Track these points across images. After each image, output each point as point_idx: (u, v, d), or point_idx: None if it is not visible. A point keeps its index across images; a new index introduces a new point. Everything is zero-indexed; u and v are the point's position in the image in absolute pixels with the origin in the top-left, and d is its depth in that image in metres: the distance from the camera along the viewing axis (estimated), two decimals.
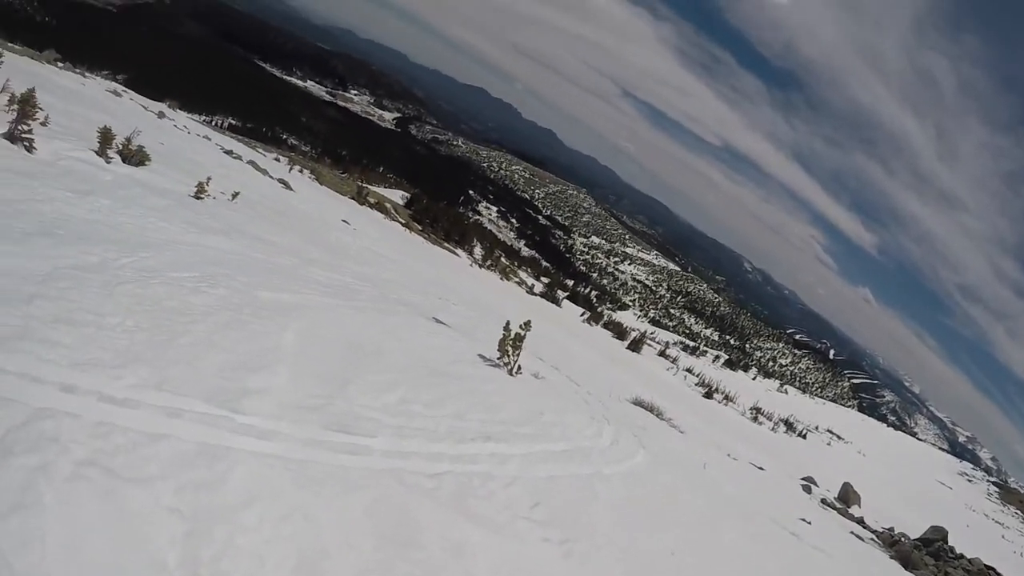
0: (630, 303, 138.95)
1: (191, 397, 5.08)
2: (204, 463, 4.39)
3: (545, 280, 72.48)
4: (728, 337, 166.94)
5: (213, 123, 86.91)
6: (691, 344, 73.33)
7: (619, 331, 49.91)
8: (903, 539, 19.59)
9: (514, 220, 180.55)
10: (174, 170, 15.80)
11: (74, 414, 4.22)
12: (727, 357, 74.13)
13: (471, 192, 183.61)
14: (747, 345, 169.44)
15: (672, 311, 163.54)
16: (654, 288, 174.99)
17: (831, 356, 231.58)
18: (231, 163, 28.53)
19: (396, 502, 5.32)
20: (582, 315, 52.10)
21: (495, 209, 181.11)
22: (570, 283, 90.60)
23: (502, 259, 66.01)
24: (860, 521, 20.55)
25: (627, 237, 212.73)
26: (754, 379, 65.31)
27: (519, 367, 11.51)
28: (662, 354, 51.35)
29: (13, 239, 6.61)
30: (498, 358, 11.49)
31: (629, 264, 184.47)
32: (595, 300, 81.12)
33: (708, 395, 38.96)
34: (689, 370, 47.28)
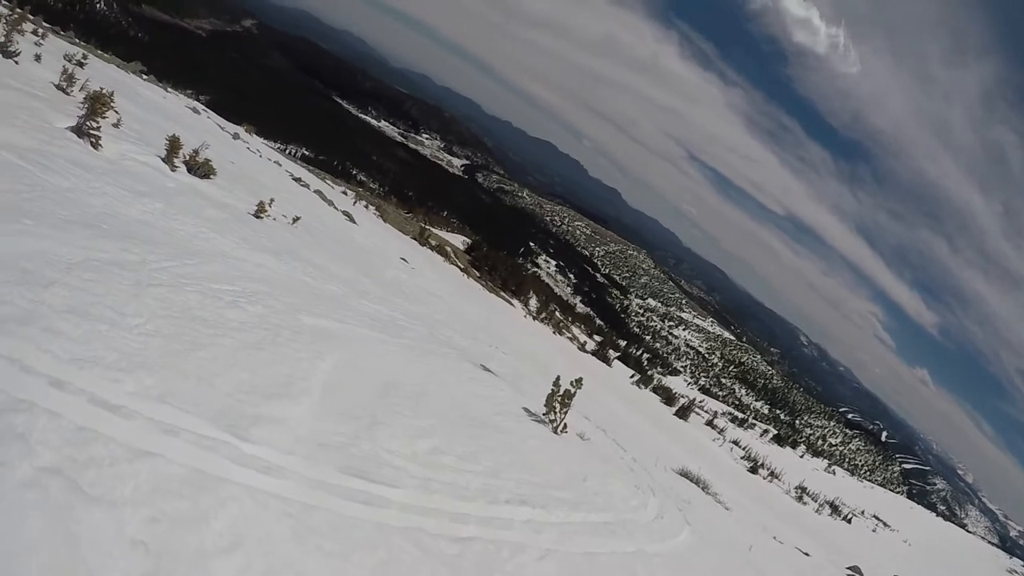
0: (681, 369, 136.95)
1: (195, 415, 4.51)
2: (190, 493, 3.78)
3: (598, 338, 71.49)
4: (778, 411, 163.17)
5: (287, 151, 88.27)
6: (740, 416, 71.96)
7: (668, 396, 49.22)
8: None
9: (572, 276, 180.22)
10: (238, 187, 15.77)
11: (55, 412, 3.70)
12: (776, 432, 72.46)
13: (532, 244, 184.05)
14: (797, 421, 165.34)
15: (723, 380, 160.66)
16: (707, 356, 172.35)
17: (883, 438, 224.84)
18: (297, 190, 28.73)
19: (407, 568, 4.58)
20: (632, 377, 51.52)
21: (554, 263, 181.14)
22: (622, 343, 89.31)
23: (557, 313, 65.47)
24: None
25: (684, 302, 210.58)
26: (802, 457, 63.69)
27: (565, 425, 11.03)
28: (710, 423, 50.58)
29: (52, 223, 6.30)
30: (544, 414, 11.00)
31: (684, 329, 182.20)
32: (646, 363, 79.80)
33: (754, 470, 37.81)
34: (736, 442, 46.13)
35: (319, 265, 13.43)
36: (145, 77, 34.24)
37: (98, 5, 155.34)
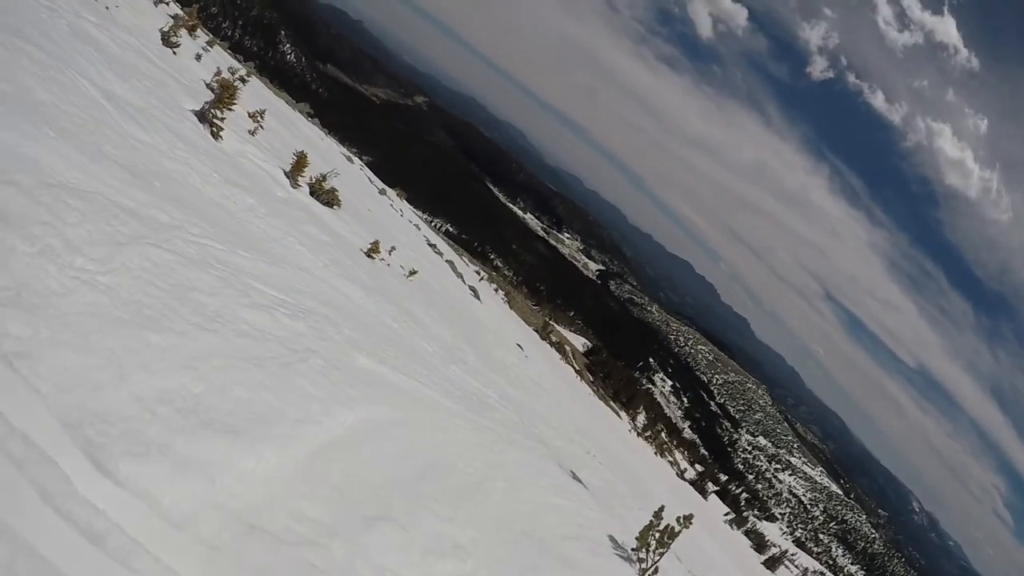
0: (779, 516, 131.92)
1: (35, 418, 3.14)
2: None
3: (699, 468, 69.25)
4: None
5: (432, 223, 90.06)
6: None
7: (760, 542, 47.73)
8: None
9: (685, 399, 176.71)
10: (360, 226, 15.68)
11: None
12: None
13: (651, 360, 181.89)
14: None
15: (821, 536, 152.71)
16: (809, 507, 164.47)
17: None
18: (427, 251, 28.98)
19: None
20: (726, 515, 50.04)
21: (670, 383, 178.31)
22: (723, 478, 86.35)
23: (662, 435, 63.95)
24: None
25: (795, 445, 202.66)
26: None
27: (656, 570, 9.40)
28: None
29: (82, 149, 5.58)
30: (633, 549, 9.42)
31: (790, 475, 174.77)
32: (743, 503, 76.71)
33: None
34: None
35: (418, 318, 12.67)
36: (310, 119, 35.12)
37: (288, 56, 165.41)
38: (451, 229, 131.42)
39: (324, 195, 13.62)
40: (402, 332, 10.48)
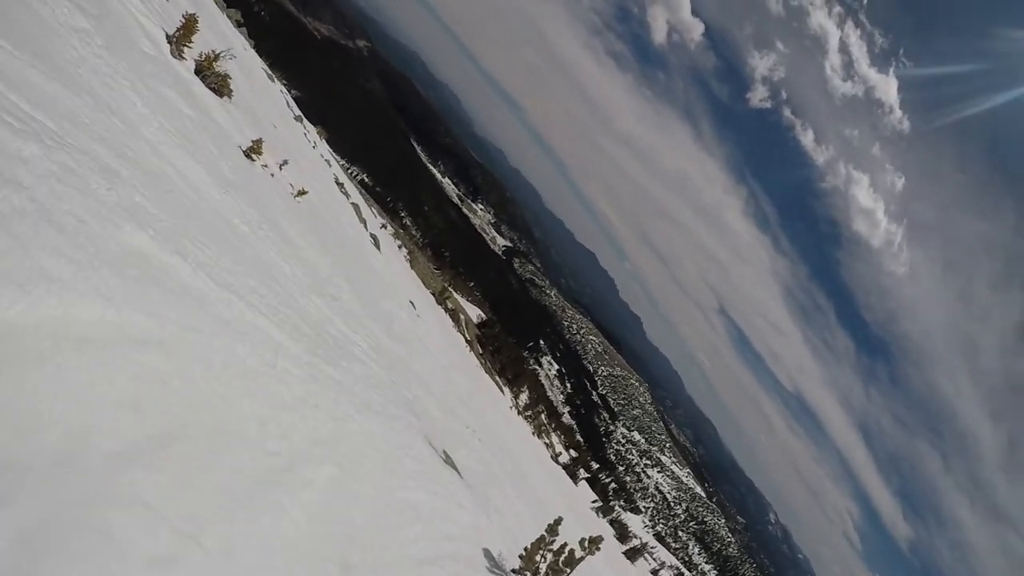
0: (644, 509, 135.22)
1: None
2: None
3: (573, 454, 69.53)
4: None
5: (349, 171, 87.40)
6: (686, 574, 70.22)
7: (623, 533, 48.20)
8: None
9: (569, 385, 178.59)
10: (250, 128, 13.53)
11: None
12: None
13: (542, 342, 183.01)
14: None
15: (681, 533, 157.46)
16: (673, 504, 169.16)
17: None
18: (332, 187, 27.07)
19: None
20: (594, 503, 50.36)
21: (556, 367, 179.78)
22: (595, 467, 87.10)
23: (542, 416, 63.85)
24: None
25: (667, 445, 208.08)
26: None
27: None
28: (655, 573, 49.85)
29: None
30: (515, 571, 7.48)
31: (658, 472, 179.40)
32: (611, 493, 77.64)
33: None
34: None
35: (287, 235, 10.60)
36: (239, 28, 32.61)
37: None
38: (367, 180, 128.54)
39: (212, 78, 11.62)
40: (253, 240, 8.02)
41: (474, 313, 72.22)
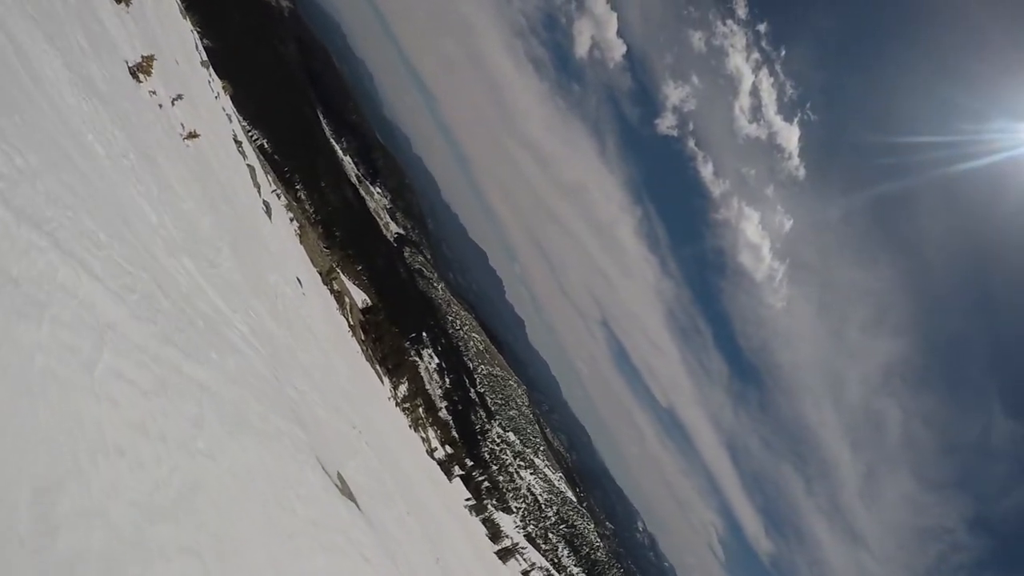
0: (515, 509, 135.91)
1: None
2: None
3: (449, 450, 69.47)
4: None
5: (249, 133, 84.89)
6: (555, 575, 71.56)
7: (495, 532, 48.43)
8: None
9: (448, 380, 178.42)
10: (143, 43, 12.99)
11: None
12: None
13: (424, 334, 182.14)
14: None
15: (551, 535, 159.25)
16: (544, 506, 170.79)
17: None
18: (230, 145, 25.92)
19: None
20: (467, 500, 50.41)
21: (436, 361, 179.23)
22: (469, 463, 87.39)
23: (420, 409, 63.55)
24: None
25: (541, 448, 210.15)
26: None
27: None
28: (525, 574, 50.59)
29: None
30: None
31: (531, 473, 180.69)
32: (484, 491, 77.99)
33: None
34: None
35: (164, 180, 9.07)
36: None
37: None
38: (266, 146, 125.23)
39: None
40: (108, 168, 6.38)
41: (359, 298, 71.29)
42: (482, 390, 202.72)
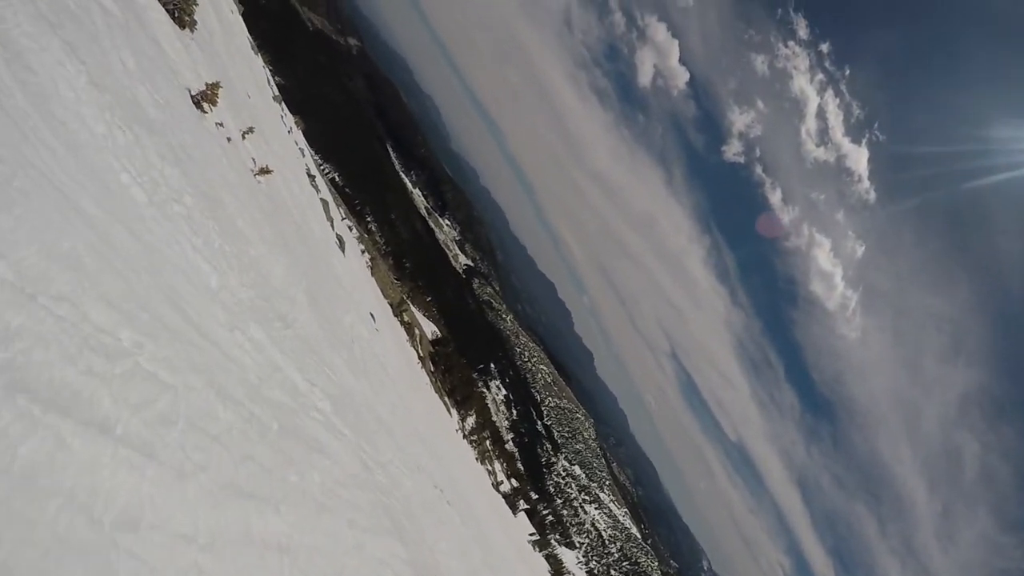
0: (578, 544, 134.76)
1: None
2: None
3: (514, 483, 69.62)
4: None
5: (321, 167, 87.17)
6: None
7: (557, 569, 48.40)
8: None
9: (515, 412, 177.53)
10: (209, 70, 12.25)
11: None
12: None
13: (492, 365, 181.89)
14: None
15: (613, 572, 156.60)
16: (607, 542, 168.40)
17: None
18: (303, 179, 26.44)
19: None
20: (531, 535, 50.38)
21: (504, 393, 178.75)
22: (534, 497, 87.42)
23: (487, 442, 63.88)
24: None
25: (607, 483, 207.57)
26: None
27: None
28: None
29: None
30: None
31: (596, 508, 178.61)
32: (548, 526, 77.87)
33: None
34: None
35: (230, 224, 7.89)
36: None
37: None
38: (338, 179, 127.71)
39: (176, 2, 9.85)
40: (150, 218, 5.51)
41: (429, 329, 72.15)
42: (549, 422, 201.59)
